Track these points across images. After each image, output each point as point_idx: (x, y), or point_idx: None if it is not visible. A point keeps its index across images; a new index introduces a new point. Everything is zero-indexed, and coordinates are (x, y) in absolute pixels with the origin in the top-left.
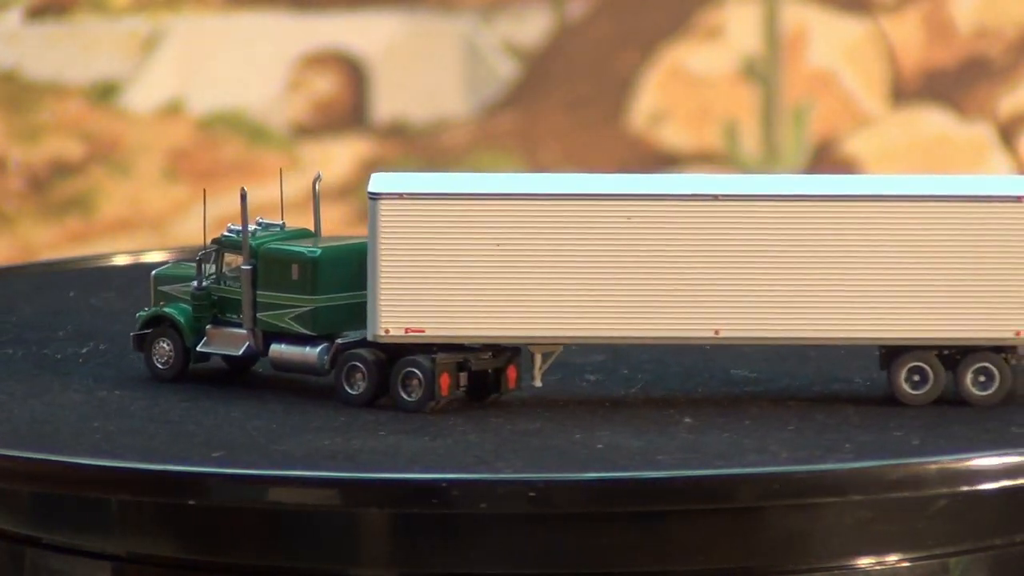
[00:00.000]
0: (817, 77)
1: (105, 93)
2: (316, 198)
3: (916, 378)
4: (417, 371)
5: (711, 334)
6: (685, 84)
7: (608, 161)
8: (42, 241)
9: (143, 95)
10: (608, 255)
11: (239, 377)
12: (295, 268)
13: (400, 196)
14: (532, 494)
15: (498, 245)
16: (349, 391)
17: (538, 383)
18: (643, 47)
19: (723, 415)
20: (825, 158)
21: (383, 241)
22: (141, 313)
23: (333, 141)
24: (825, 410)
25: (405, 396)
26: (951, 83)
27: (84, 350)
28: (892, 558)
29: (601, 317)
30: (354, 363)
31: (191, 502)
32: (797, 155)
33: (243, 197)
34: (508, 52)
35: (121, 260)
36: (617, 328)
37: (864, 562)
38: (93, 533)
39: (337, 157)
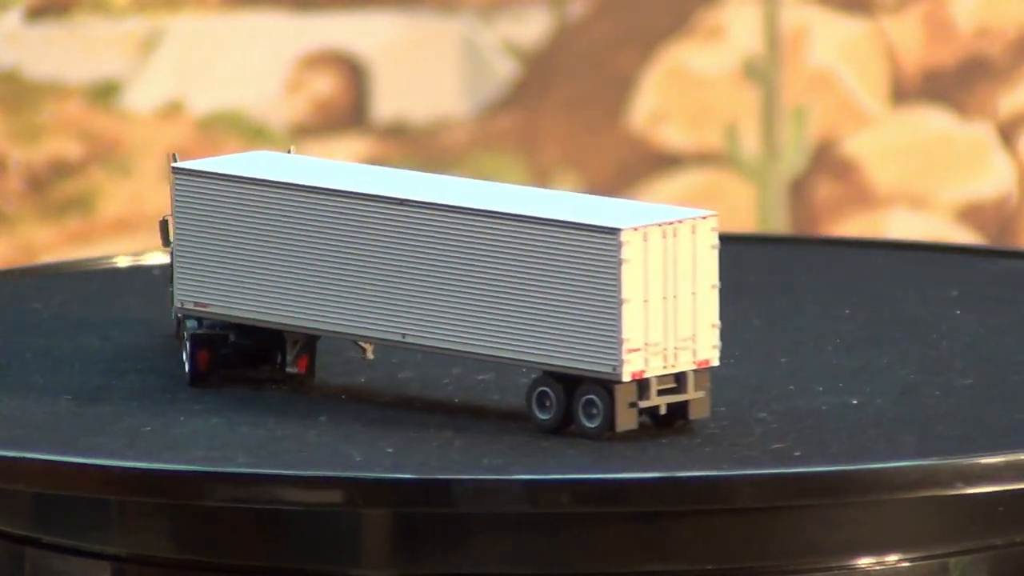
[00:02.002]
0: (817, 77)
1: (105, 93)
2: None
3: (547, 403)
4: (187, 343)
5: (399, 337)
6: (685, 84)
7: (608, 161)
8: (42, 241)
9: (143, 95)
10: (326, 249)
11: None
12: None
13: (188, 172)
14: (533, 494)
15: (254, 228)
16: (184, 360)
17: (290, 369)
18: (643, 47)
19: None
20: (825, 157)
21: (176, 216)
22: None
23: (333, 141)
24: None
25: (186, 368)
26: (951, 83)
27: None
28: (892, 558)
29: (320, 309)
30: (184, 333)
31: (191, 502)
32: (797, 155)
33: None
34: (508, 52)
35: (122, 262)
36: (333, 322)
37: (864, 562)
38: (93, 533)
39: (337, 157)
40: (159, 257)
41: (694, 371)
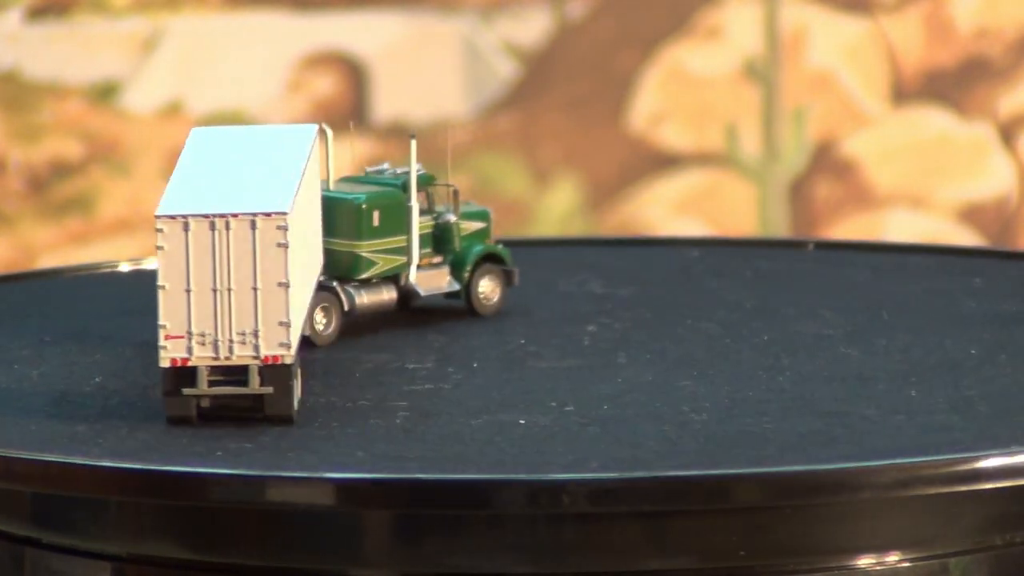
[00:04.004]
0: (817, 77)
1: (105, 93)
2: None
3: None
4: None
5: None
6: (685, 84)
7: (608, 161)
8: (42, 241)
9: (143, 95)
10: None
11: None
12: None
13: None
14: (534, 494)
15: None
16: None
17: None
18: (643, 47)
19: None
20: (825, 158)
21: None
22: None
23: (333, 141)
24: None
25: None
26: (951, 83)
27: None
28: (892, 558)
29: None
30: None
31: (191, 502)
32: (797, 155)
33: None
34: (508, 52)
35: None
36: None
37: (864, 562)
38: (93, 533)
39: (338, 157)
40: None
41: (260, 366)
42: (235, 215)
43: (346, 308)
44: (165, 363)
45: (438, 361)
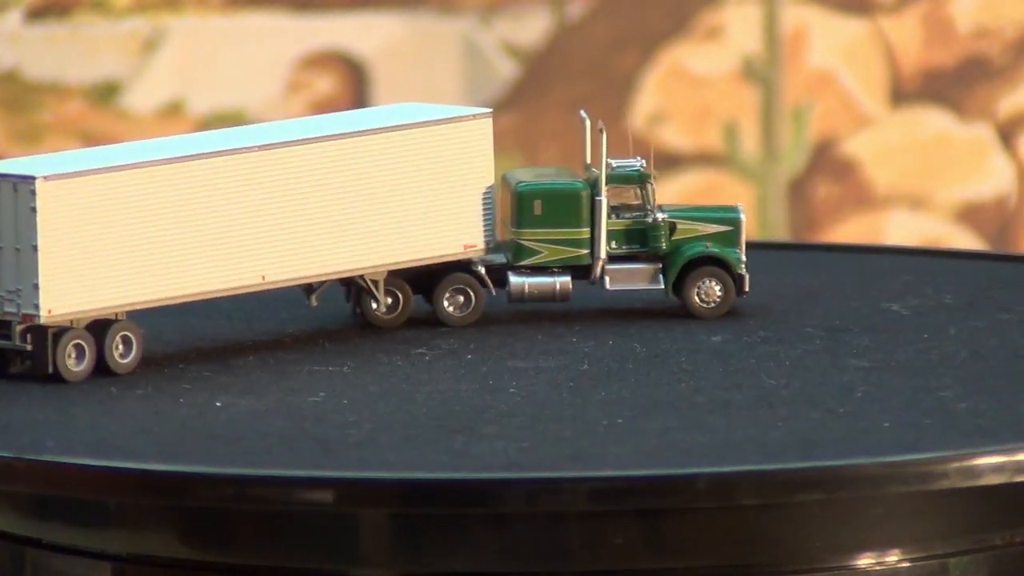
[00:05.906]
0: (817, 77)
1: (106, 94)
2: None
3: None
4: None
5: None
6: (685, 84)
7: None
8: None
9: (144, 96)
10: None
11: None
12: None
13: None
14: (534, 493)
15: None
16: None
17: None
18: (643, 47)
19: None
20: (825, 158)
21: None
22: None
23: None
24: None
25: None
26: (951, 83)
27: None
28: (892, 558)
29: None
30: None
31: (191, 502)
32: (797, 155)
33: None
34: (508, 52)
35: None
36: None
37: (864, 562)
38: (93, 533)
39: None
40: None
41: (20, 324)
42: (3, 177)
43: (492, 292)
44: None
45: (449, 351)
